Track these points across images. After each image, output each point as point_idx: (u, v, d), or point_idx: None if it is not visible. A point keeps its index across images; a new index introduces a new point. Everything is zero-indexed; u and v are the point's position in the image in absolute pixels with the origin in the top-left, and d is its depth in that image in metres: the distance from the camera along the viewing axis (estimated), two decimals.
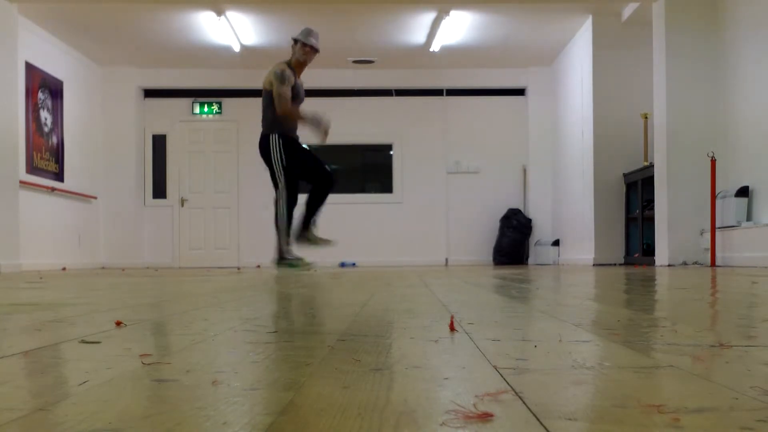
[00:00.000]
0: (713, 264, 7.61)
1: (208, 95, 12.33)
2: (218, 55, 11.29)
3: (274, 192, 6.84)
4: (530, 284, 3.63)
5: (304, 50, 6.80)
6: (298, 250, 6.88)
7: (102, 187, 11.88)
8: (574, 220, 10.83)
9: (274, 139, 6.70)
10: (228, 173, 12.38)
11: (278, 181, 6.76)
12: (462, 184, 12.34)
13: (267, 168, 6.86)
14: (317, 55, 6.94)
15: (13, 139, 8.69)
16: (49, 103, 10.27)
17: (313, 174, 6.83)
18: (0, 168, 8.41)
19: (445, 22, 9.75)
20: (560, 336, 1.30)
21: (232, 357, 1.10)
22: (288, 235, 6.78)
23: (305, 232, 6.89)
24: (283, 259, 6.79)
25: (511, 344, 1.21)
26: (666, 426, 0.63)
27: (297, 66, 6.84)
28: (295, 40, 6.86)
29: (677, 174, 8.11)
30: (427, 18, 9.82)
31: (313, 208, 6.90)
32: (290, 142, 6.78)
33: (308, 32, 6.90)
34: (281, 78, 6.63)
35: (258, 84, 6.94)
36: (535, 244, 12.26)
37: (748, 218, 7.33)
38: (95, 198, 11.65)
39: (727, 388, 0.80)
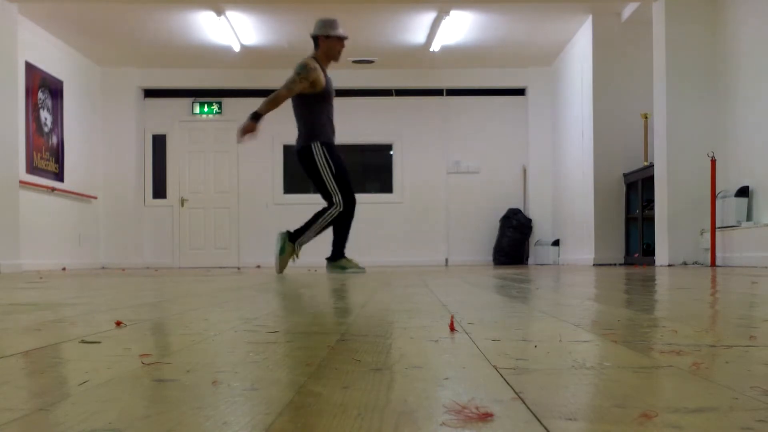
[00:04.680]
0: (713, 264, 7.61)
1: (208, 95, 12.34)
2: (218, 55, 11.29)
3: (326, 203, 6.35)
4: (530, 284, 3.63)
5: (335, 43, 6.25)
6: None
7: (102, 187, 11.88)
8: (574, 220, 10.83)
9: (317, 148, 6.20)
10: (228, 173, 12.38)
11: (333, 192, 6.24)
12: (462, 184, 12.34)
13: (312, 179, 6.37)
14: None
15: (13, 139, 8.69)
16: (49, 103, 10.27)
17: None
18: (0, 168, 8.41)
19: (445, 22, 9.75)
20: (560, 336, 1.30)
21: (232, 357, 1.10)
22: (316, 234, 6.35)
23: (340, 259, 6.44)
24: (295, 239, 6.30)
25: (511, 344, 1.21)
26: (666, 426, 0.63)
27: (324, 61, 6.30)
28: (321, 36, 6.28)
29: (677, 174, 8.12)
30: (427, 18, 9.82)
31: (341, 230, 6.38)
32: (333, 147, 6.33)
33: (330, 23, 6.30)
34: (303, 69, 6.10)
35: (258, 84, 6.83)
36: (535, 244, 12.26)
37: (748, 218, 7.33)
38: (95, 198, 11.65)
39: (727, 388, 0.80)
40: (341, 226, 6.43)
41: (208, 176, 12.38)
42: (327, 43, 6.25)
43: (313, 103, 6.23)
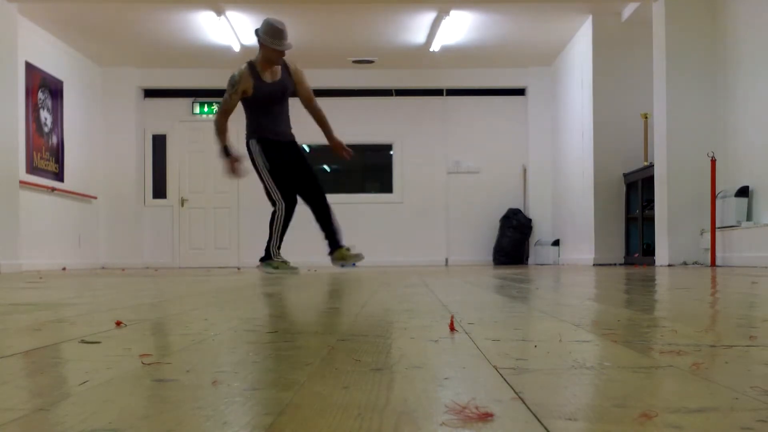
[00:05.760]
0: (713, 264, 7.60)
1: (208, 95, 12.33)
2: (218, 55, 11.28)
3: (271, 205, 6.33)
4: (530, 284, 3.63)
5: (270, 52, 6.03)
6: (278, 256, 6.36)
7: (102, 187, 11.88)
8: (574, 220, 10.83)
9: (253, 146, 6.19)
10: None
11: (270, 189, 6.20)
12: (462, 184, 12.34)
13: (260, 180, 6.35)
14: (288, 49, 6.11)
15: (13, 139, 8.69)
16: (49, 103, 10.27)
17: (302, 186, 6.27)
18: (0, 168, 8.41)
19: (445, 22, 9.75)
20: (560, 336, 1.30)
21: (232, 357, 1.10)
22: (280, 240, 6.26)
23: (336, 251, 6.46)
24: (269, 258, 6.26)
25: (511, 344, 1.21)
26: (666, 426, 0.63)
27: (264, 64, 6.12)
28: (260, 42, 6.07)
29: (677, 174, 8.11)
30: (427, 18, 9.82)
31: (325, 224, 6.32)
32: (272, 145, 6.18)
33: (274, 33, 6.00)
34: (230, 84, 6.08)
35: None
36: (535, 244, 12.26)
37: (748, 218, 7.33)
38: (95, 198, 11.65)
39: (727, 388, 0.80)
40: (278, 225, 6.32)
41: (208, 176, 12.37)
42: (265, 50, 6.09)
43: (247, 106, 6.23)
